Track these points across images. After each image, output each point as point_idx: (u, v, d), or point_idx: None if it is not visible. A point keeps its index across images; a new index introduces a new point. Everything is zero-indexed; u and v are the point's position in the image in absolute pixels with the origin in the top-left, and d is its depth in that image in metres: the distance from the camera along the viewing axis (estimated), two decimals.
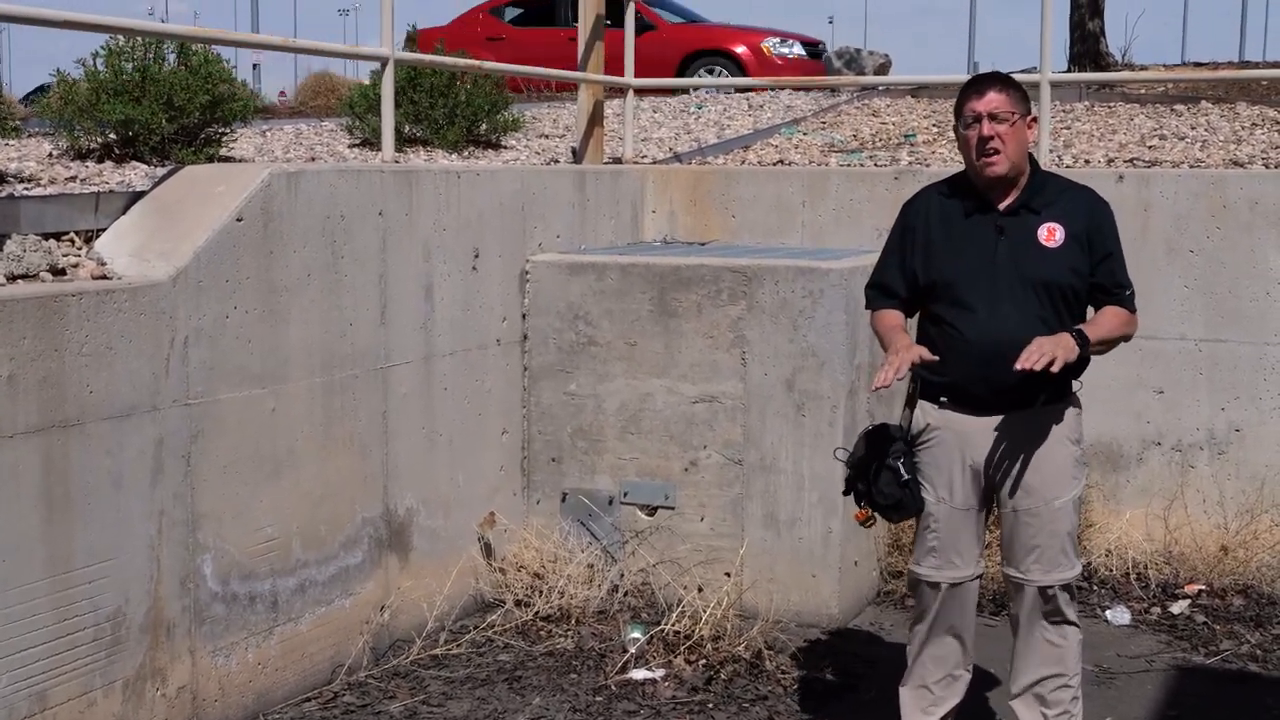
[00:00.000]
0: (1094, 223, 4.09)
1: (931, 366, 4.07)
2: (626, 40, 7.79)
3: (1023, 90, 4.09)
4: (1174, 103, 11.06)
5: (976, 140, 4.02)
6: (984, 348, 3.99)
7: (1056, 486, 4.11)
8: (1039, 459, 4.09)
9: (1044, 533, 4.11)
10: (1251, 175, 6.69)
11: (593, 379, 6.07)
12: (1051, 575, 4.13)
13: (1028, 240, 4.05)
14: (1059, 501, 4.11)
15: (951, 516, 4.20)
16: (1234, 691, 5.13)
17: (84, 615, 4.08)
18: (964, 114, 4.07)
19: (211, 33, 5.95)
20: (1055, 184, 4.17)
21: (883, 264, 4.33)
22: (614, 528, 6.07)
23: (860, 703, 5.02)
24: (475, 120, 10.00)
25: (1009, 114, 4.01)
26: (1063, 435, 4.12)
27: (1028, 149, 4.11)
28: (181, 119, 7.99)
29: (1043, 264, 4.03)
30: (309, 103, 15.54)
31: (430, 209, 5.51)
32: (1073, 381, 4.15)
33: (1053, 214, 4.07)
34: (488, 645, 5.49)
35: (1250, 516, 6.24)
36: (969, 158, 4.08)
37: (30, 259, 4.22)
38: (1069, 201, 4.12)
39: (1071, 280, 4.04)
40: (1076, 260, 4.04)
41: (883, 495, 4.20)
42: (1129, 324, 4.13)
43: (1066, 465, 4.13)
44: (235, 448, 4.60)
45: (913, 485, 4.18)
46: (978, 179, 4.10)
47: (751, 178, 7.32)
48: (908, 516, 4.28)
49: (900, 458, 4.18)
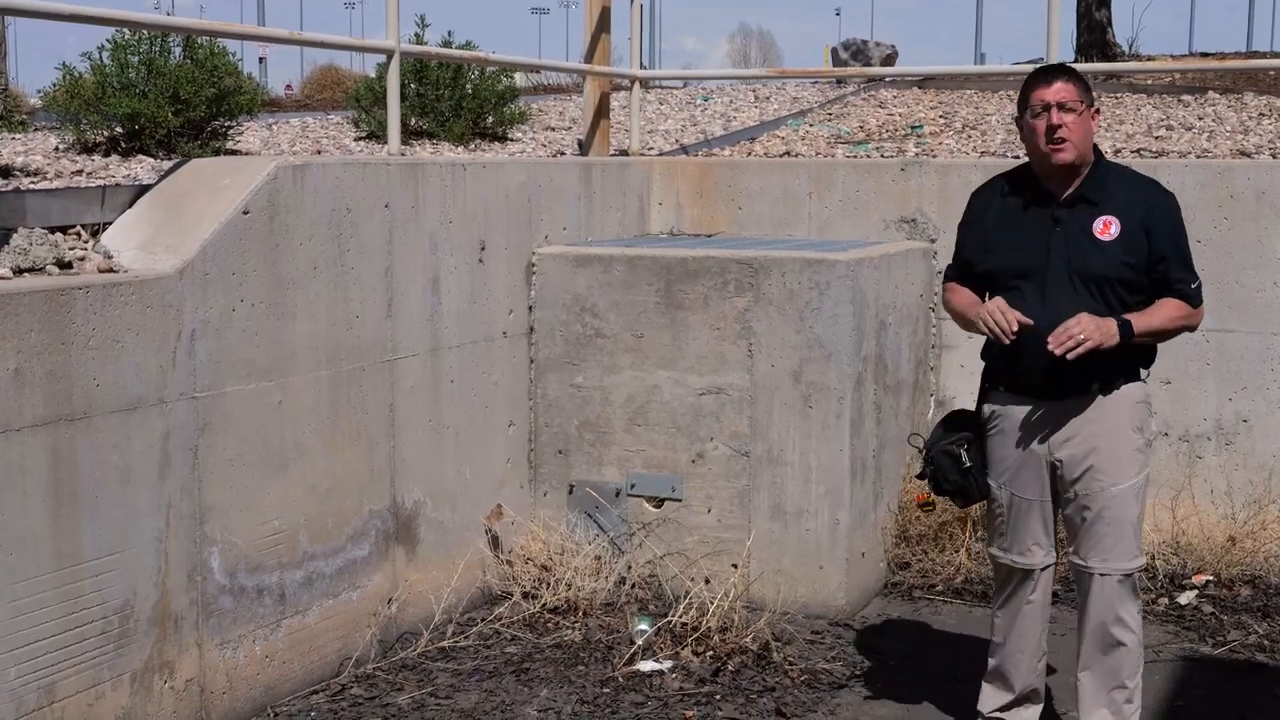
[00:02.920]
0: (1154, 217, 4.11)
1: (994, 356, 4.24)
2: (632, 32, 7.79)
3: (1087, 82, 4.15)
4: (1181, 93, 11.04)
5: (1045, 129, 4.05)
6: (1037, 337, 4.02)
7: (1115, 473, 4.12)
8: (1098, 445, 4.12)
9: (1102, 520, 4.14)
10: (1259, 165, 6.68)
11: (599, 371, 6.07)
12: (1109, 563, 4.16)
13: (1082, 233, 4.09)
14: (1117, 488, 4.12)
15: (1015, 504, 4.27)
16: (1242, 682, 5.12)
17: (92, 608, 4.09)
18: (1031, 103, 4.11)
19: (217, 26, 5.94)
20: (1119, 176, 4.20)
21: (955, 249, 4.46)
22: (621, 520, 6.07)
23: (867, 694, 5.02)
24: (481, 113, 10.00)
25: (1076, 103, 4.06)
26: (1123, 422, 4.15)
27: (1092, 139, 4.15)
28: (187, 112, 8.01)
29: (1094, 257, 4.07)
30: (315, 96, 15.56)
31: (436, 201, 5.51)
32: (1140, 369, 4.20)
33: (1111, 207, 4.10)
34: (495, 637, 5.50)
35: (1258, 507, 6.23)
36: (1035, 146, 4.11)
37: (37, 253, 4.22)
38: (1130, 194, 4.14)
39: (1123, 274, 4.07)
40: (1130, 254, 4.07)
41: (946, 481, 4.31)
42: (1189, 317, 4.14)
43: (1127, 452, 4.15)
44: (242, 441, 4.60)
45: (975, 472, 4.27)
46: (1042, 168, 4.15)
47: (758, 169, 7.31)
48: (973, 502, 4.39)
49: (964, 445, 4.27)
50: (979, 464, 4.29)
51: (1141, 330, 4.03)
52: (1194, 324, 4.19)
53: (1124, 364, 4.12)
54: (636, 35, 7.81)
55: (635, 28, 7.78)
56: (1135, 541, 4.19)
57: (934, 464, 4.33)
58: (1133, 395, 4.18)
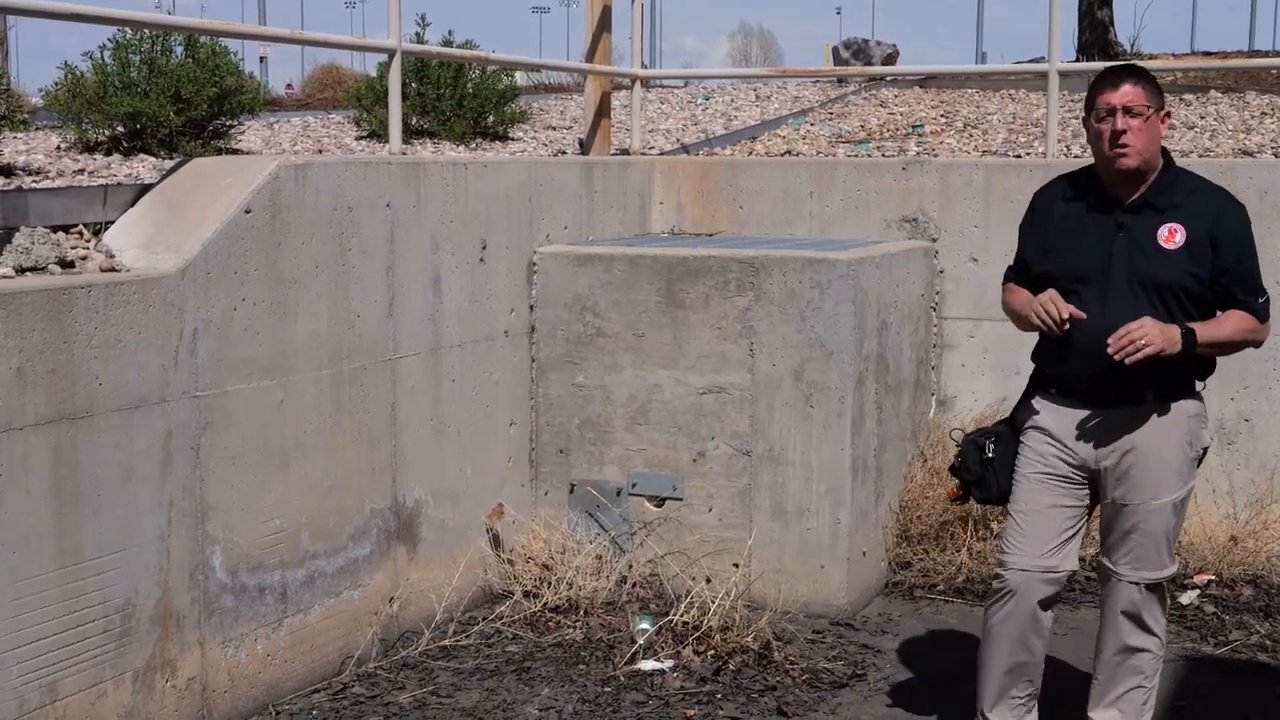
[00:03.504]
0: (1221, 226, 3.99)
1: (1045, 358, 4.13)
2: (633, 31, 7.79)
3: (1157, 84, 4.03)
4: (1183, 92, 11.04)
5: (1110, 134, 3.94)
6: (1094, 342, 3.90)
7: (1159, 486, 4.03)
8: (1146, 456, 4.02)
9: (1139, 530, 4.05)
10: (1261, 164, 6.68)
11: (600, 370, 6.07)
12: (1140, 573, 4.09)
13: (1146, 240, 3.98)
14: (1158, 502, 4.03)
15: (1044, 502, 4.12)
16: (1243, 682, 5.12)
17: (94, 607, 4.09)
18: (1097, 107, 3.99)
19: (219, 25, 5.94)
20: (1187, 183, 4.08)
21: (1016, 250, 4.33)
22: (622, 519, 6.07)
23: (868, 693, 5.02)
24: (482, 112, 10.00)
25: (1144, 108, 3.94)
26: (1174, 435, 4.04)
27: (1160, 144, 4.05)
28: (189, 112, 8.01)
29: (1157, 265, 3.95)
30: (316, 95, 15.56)
31: (438, 201, 5.51)
32: (1197, 381, 4.10)
33: (1177, 215, 3.99)
34: (496, 636, 5.50)
35: (1260, 506, 6.24)
36: (1100, 151, 4.01)
37: (39, 252, 4.22)
38: (1197, 202, 4.02)
39: (1187, 283, 3.95)
40: (1195, 264, 3.95)
41: (968, 471, 4.27)
42: (1255, 331, 4.03)
43: (1174, 466, 4.04)
44: (244, 439, 4.60)
45: (996, 466, 4.19)
46: (1106, 173, 4.04)
47: (759, 169, 7.31)
48: (990, 499, 4.28)
49: (993, 438, 4.23)
50: (1004, 461, 4.20)
51: (1205, 340, 3.92)
52: (1260, 339, 4.07)
53: (1181, 375, 4.02)
54: (638, 34, 7.81)
55: (636, 27, 7.78)
56: (1168, 551, 4.11)
57: (962, 452, 4.30)
58: (1188, 409, 4.07)
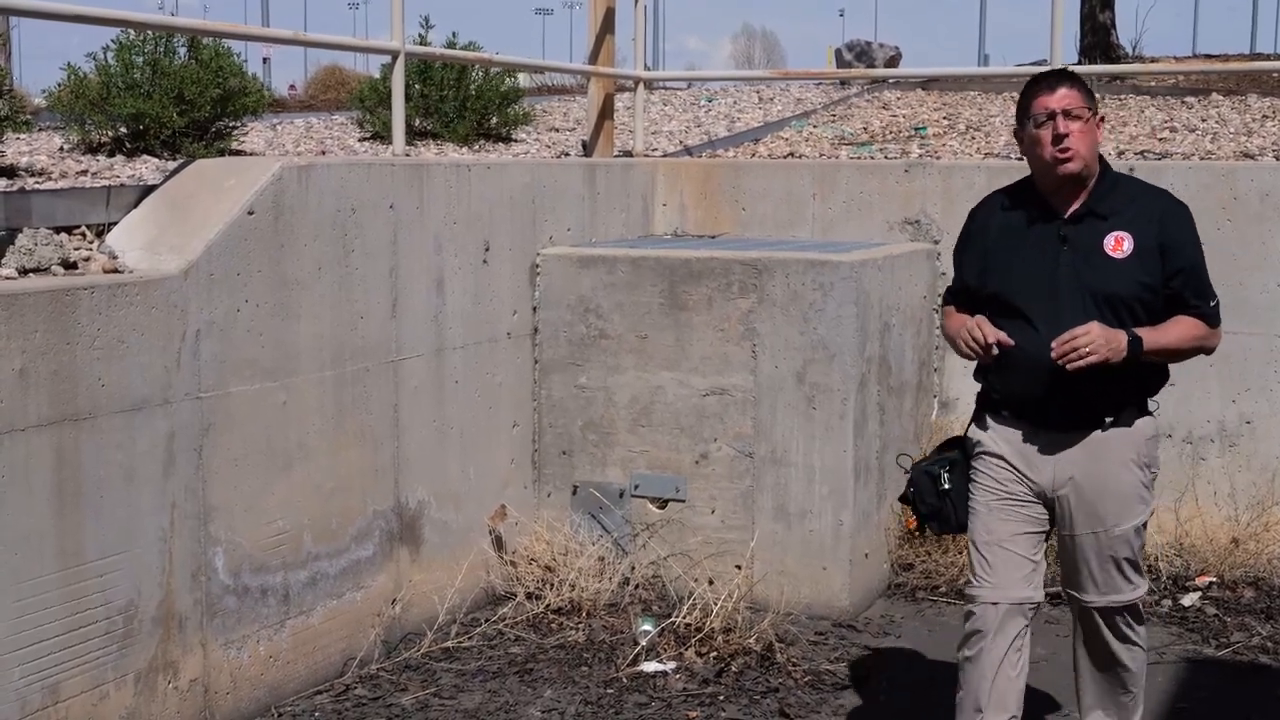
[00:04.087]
0: (1168, 231, 3.80)
1: (992, 380, 3.94)
2: (636, 33, 7.79)
3: (1089, 88, 3.88)
4: (1185, 95, 11.05)
5: (1051, 138, 3.76)
6: (1041, 363, 3.74)
7: (1118, 514, 3.87)
8: (1102, 483, 3.85)
9: (1100, 558, 3.91)
10: (1262, 167, 6.68)
11: (603, 372, 6.07)
12: (1109, 597, 3.95)
13: (1092, 250, 3.80)
14: (1119, 529, 3.87)
15: (1003, 536, 3.93)
16: (1245, 684, 5.12)
17: (96, 608, 4.10)
18: (1033, 111, 3.81)
19: (222, 26, 5.95)
20: (1127, 187, 3.91)
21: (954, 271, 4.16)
22: (625, 520, 6.07)
23: (871, 695, 5.02)
24: (485, 113, 10.01)
25: (1082, 109, 3.77)
26: (1129, 458, 3.87)
27: (1099, 148, 3.88)
28: (192, 113, 8.02)
29: (1108, 277, 3.77)
30: (319, 96, 15.56)
31: (441, 202, 5.52)
32: (1149, 400, 3.93)
33: (1122, 221, 3.81)
34: (499, 638, 5.50)
35: (1261, 508, 6.23)
36: (1039, 158, 3.82)
37: (42, 253, 4.23)
38: (1141, 207, 3.84)
39: (1140, 294, 3.77)
40: (1146, 273, 3.77)
41: (923, 503, 4.06)
42: (1206, 337, 3.85)
43: (1132, 491, 3.88)
44: (246, 441, 4.61)
45: (953, 497, 4.00)
46: (1045, 181, 3.86)
47: (762, 170, 7.31)
48: (949, 530, 4.09)
49: (946, 466, 4.02)
50: (959, 489, 4.00)
51: (1153, 347, 3.73)
52: (1211, 345, 3.89)
53: (1133, 393, 3.85)
54: (641, 36, 7.81)
55: (639, 28, 7.78)
56: (1136, 573, 3.96)
57: (914, 484, 4.08)
58: (1144, 431, 3.90)
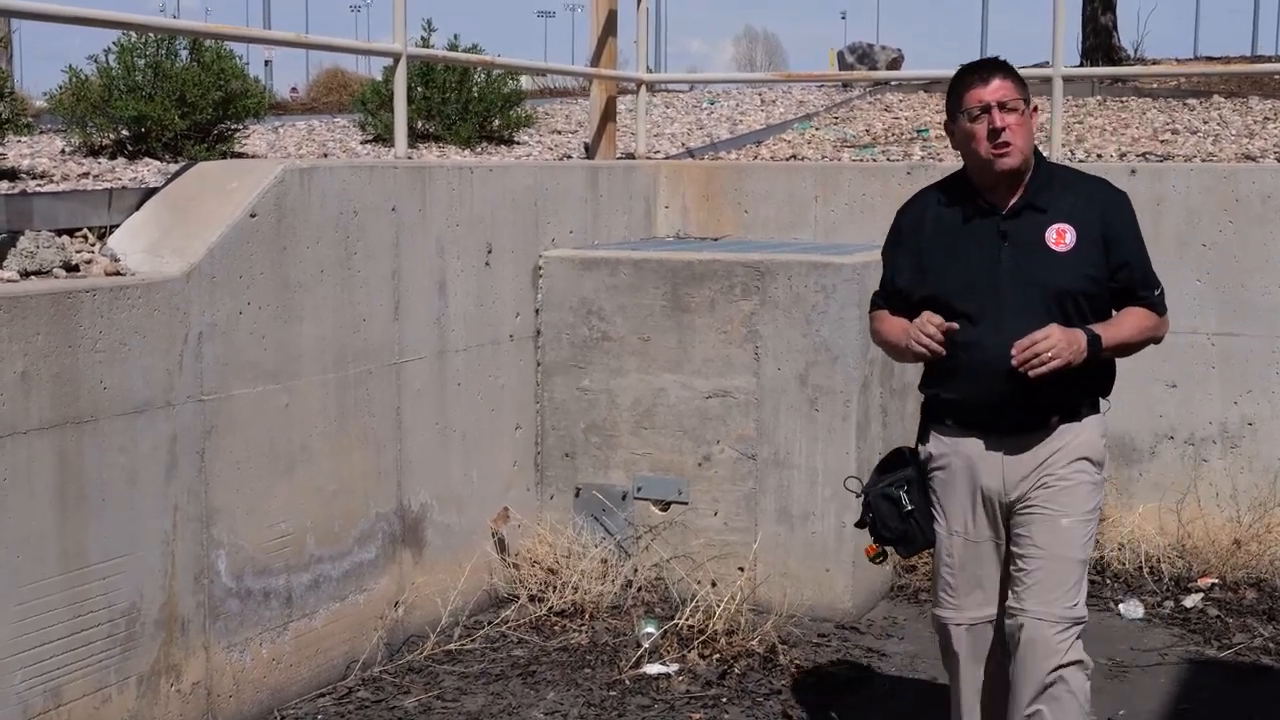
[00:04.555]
0: (1110, 220, 3.66)
1: (938, 388, 3.76)
2: (638, 35, 7.79)
3: (1020, 77, 3.69)
4: (1186, 97, 11.04)
5: (987, 132, 3.58)
6: (989, 365, 3.57)
7: (1065, 503, 3.65)
8: (1049, 477, 3.66)
9: (1047, 555, 3.64)
10: (1264, 169, 6.68)
11: (606, 374, 6.07)
12: (1051, 608, 3.62)
13: (1034, 244, 3.63)
14: (1067, 520, 3.64)
15: (967, 549, 3.80)
16: (1247, 684, 5.12)
17: (98, 611, 4.10)
18: (966, 106, 3.63)
19: (224, 29, 5.96)
20: (1064, 178, 3.76)
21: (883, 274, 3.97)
22: (627, 523, 6.07)
23: (873, 696, 5.02)
24: (488, 116, 10.01)
25: (1018, 101, 3.60)
26: (1078, 454, 3.69)
27: (1034, 140, 3.72)
28: (194, 115, 8.02)
29: (1052, 270, 3.61)
30: (321, 99, 15.56)
31: (443, 205, 5.52)
32: (1101, 400, 3.78)
33: (1061, 213, 3.64)
34: (502, 640, 5.50)
35: (1263, 510, 6.23)
36: (974, 153, 3.64)
37: (44, 255, 4.23)
38: (1080, 197, 3.68)
39: (1086, 287, 3.62)
40: (1091, 265, 3.62)
41: (886, 529, 3.87)
42: (1157, 327, 3.72)
43: (1081, 482, 3.68)
44: (249, 443, 4.61)
45: (917, 516, 3.82)
46: (982, 176, 3.68)
47: (764, 173, 7.31)
48: (917, 550, 3.92)
49: (904, 486, 3.83)
50: (922, 507, 3.82)
51: (1111, 344, 3.59)
52: (1161, 335, 3.76)
53: (1086, 391, 3.69)
54: (643, 38, 7.81)
55: (641, 31, 7.78)
56: (1080, 587, 3.66)
57: (873, 510, 3.88)
58: (1095, 427, 3.74)
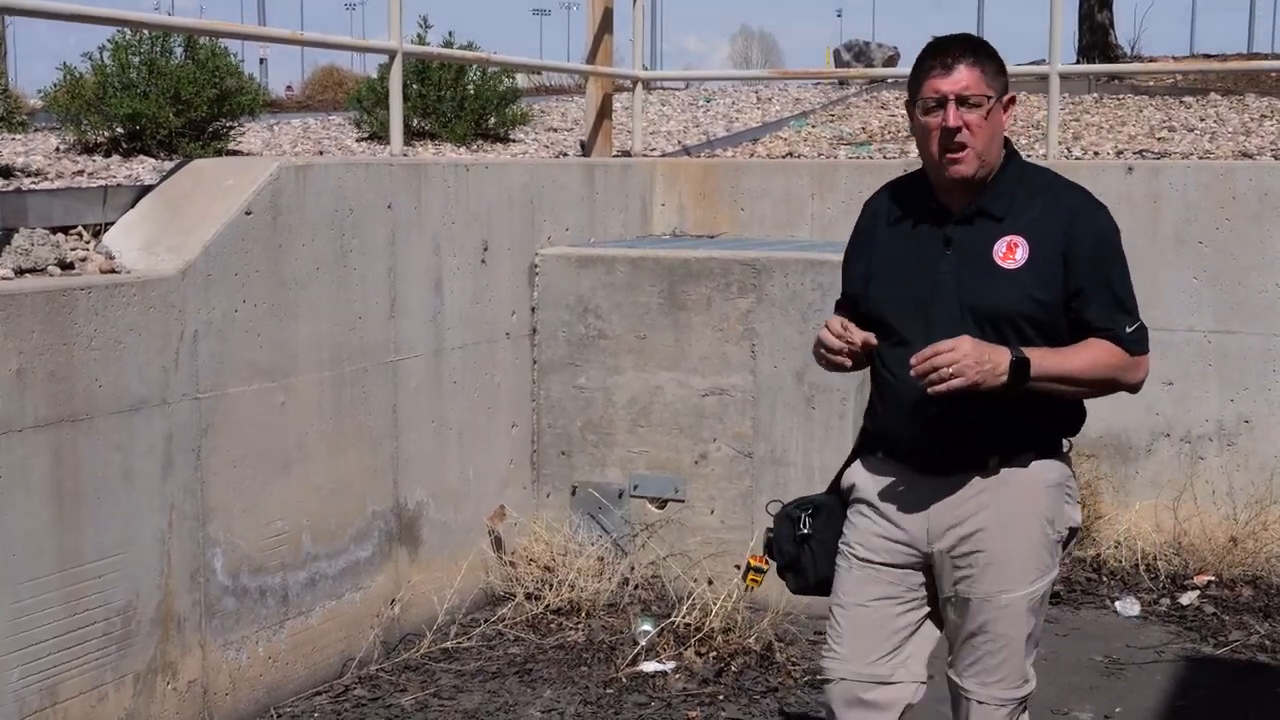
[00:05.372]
0: (1076, 237, 3.05)
1: (867, 414, 3.30)
2: (634, 33, 7.79)
3: (1000, 61, 3.11)
4: (1183, 94, 11.05)
5: (940, 132, 3.05)
6: (915, 392, 3.01)
7: (1008, 578, 3.11)
8: (991, 539, 3.10)
9: (986, 633, 3.15)
10: (1261, 166, 6.68)
11: (602, 372, 6.07)
12: (990, 690, 3.19)
13: (979, 257, 3.07)
14: (1008, 597, 3.11)
15: (862, 599, 3.24)
16: (1243, 682, 5.12)
17: (94, 609, 4.09)
18: (923, 95, 3.08)
19: (219, 26, 5.95)
20: (1033, 182, 3.14)
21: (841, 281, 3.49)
22: (624, 521, 6.07)
23: None
24: (483, 113, 10.00)
25: (982, 97, 3.03)
26: (1027, 510, 3.11)
27: (1002, 138, 3.14)
28: (189, 113, 8.01)
29: (991, 290, 3.04)
30: (316, 97, 15.56)
31: (439, 202, 5.51)
32: (1064, 440, 3.21)
33: (1019, 223, 3.07)
34: (498, 638, 5.49)
35: (1259, 507, 6.23)
36: (928, 152, 3.12)
37: (38, 253, 4.22)
38: (1046, 207, 3.09)
39: (1030, 311, 3.02)
40: (1041, 287, 3.02)
41: (780, 552, 3.41)
42: (1126, 368, 3.06)
43: (1027, 550, 3.12)
44: (245, 441, 4.60)
45: (814, 547, 3.34)
46: (937, 178, 3.15)
47: (760, 170, 7.31)
48: (806, 587, 3.40)
49: (809, 509, 3.38)
50: (825, 539, 3.32)
51: (1047, 373, 2.95)
52: (1132, 381, 3.10)
53: (1036, 430, 3.11)
54: (639, 36, 7.81)
55: (637, 29, 7.78)
56: (1025, 663, 3.19)
57: (773, 529, 3.46)
58: (1045, 475, 3.13)
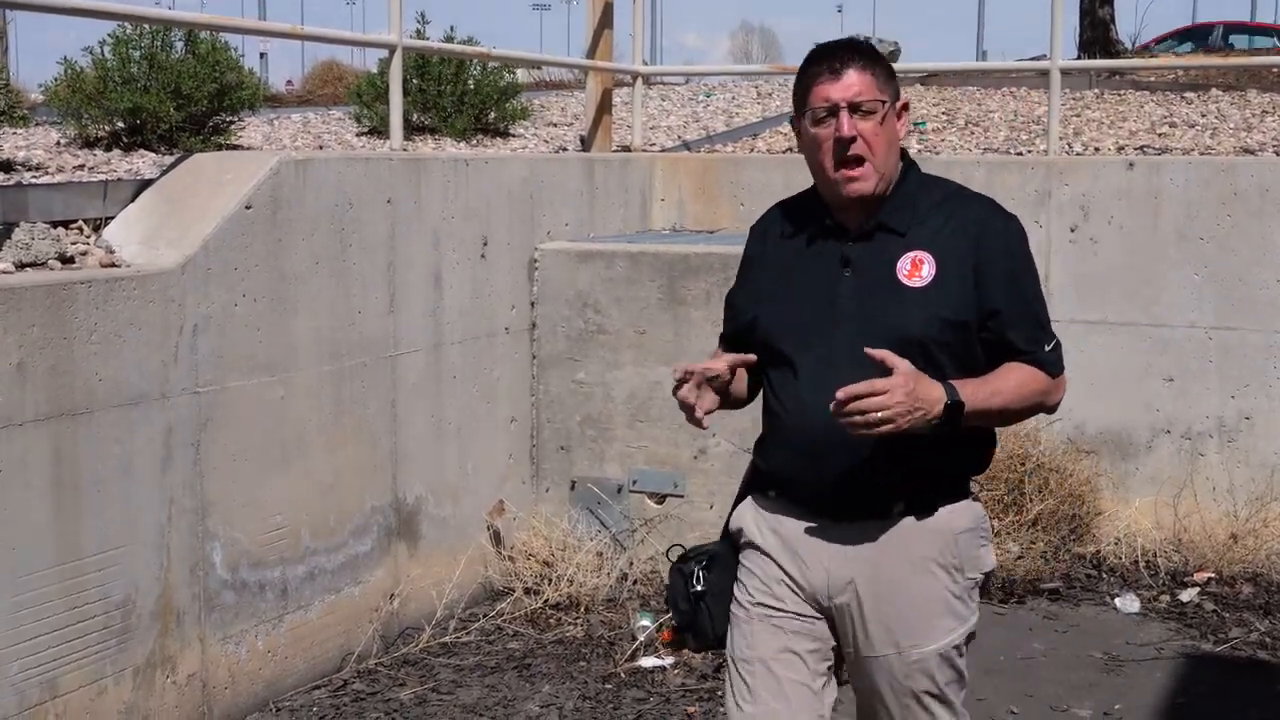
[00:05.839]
0: (987, 250, 2.77)
1: (757, 450, 3.00)
2: (634, 28, 7.78)
3: (889, 66, 2.82)
4: (1184, 90, 11.05)
5: (834, 144, 2.75)
6: (808, 428, 2.77)
7: (914, 633, 2.81)
8: (891, 590, 2.81)
9: (894, 690, 2.85)
10: (1262, 162, 6.67)
11: (602, 367, 6.06)
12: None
13: (882, 276, 2.78)
14: (918, 652, 2.81)
15: (765, 653, 2.88)
16: (1243, 679, 5.12)
17: (94, 603, 4.09)
18: (811, 105, 2.76)
19: (219, 20, 5.94)
20: (934, 193, 2.86)
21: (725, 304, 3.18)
22: (623, 516, 6.07)
23: None
24: (483, 108, 10.00)
25: (877, 102, 2.74)
26: (930, 558, 2.81)
27: (899, 147, 2.85)
28: (189, 107, 8.02)
29: (896, 311, 2.74)
30: (316, 91, 15.55)
31: (439, 197, 5.51)
32: (971, 480, 2.91)
33: (924, 238, 2.78)
34: (497, 633, 5.49)
35: (1260, 504, 6.23)
36: (820, 167, 2.80)
37: (39, 247, 4.22)
38: (950, 219, 2.80)
39: (940, 334, 2.74)
40: (949, 307, 2.74)
41: (677, 611, 3.05)
42: (1048, 391, 2.81)
43: (934, 604, 2.82)
44: (244, 436, 4.60)
45: (709, 602, 2.99)
46: (832, 195, 2.82)
47: (760, 165, 7.30)
48: (706, 645, 3.04)
49: (703, 562, 3.02)
50: (721, 591, 2.98)
51: (979, 408, 2.68)
52: (1052, 402, 2.85)
53: (943, 472, 2.82)
54: (639, 31, 7.80)
55: (638, 23, 7.77)
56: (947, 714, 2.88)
57: (667, 584, 3.09)
58: (954, 523, 2.83)
